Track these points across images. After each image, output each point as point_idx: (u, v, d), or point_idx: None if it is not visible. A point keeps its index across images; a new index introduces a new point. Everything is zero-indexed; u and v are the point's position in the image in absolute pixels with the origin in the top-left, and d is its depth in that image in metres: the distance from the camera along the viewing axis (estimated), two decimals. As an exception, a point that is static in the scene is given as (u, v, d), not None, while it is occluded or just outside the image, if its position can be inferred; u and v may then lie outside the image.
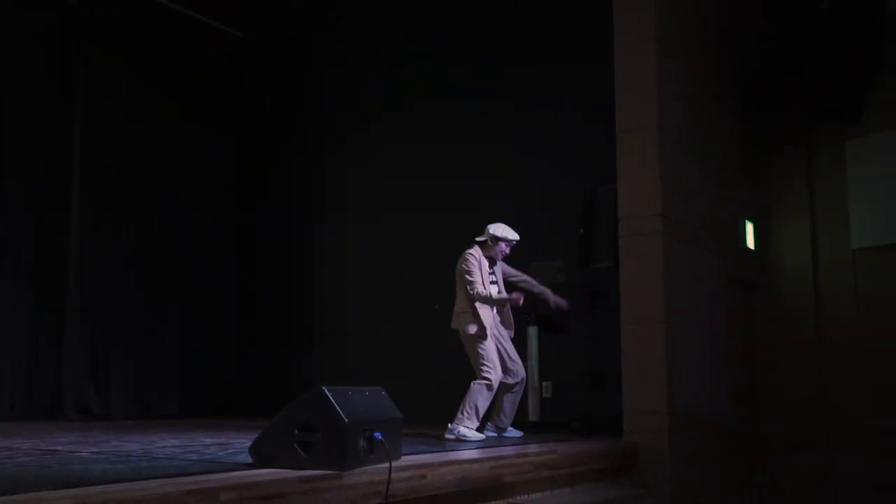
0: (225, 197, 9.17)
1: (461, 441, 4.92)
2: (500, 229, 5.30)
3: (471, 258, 5.27)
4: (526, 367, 6.31)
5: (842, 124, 6.80)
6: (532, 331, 6.35)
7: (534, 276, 7.07)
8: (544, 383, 6.36)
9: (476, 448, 4.53)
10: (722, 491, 5.93)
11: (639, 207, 5.43)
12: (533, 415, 6.23)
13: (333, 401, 3.05)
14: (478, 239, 5.40)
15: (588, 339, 5.89)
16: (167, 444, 4.48)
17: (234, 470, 3.09)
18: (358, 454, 3.08)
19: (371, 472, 3.10)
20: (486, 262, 5.32)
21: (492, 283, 5.34)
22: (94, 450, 4.06)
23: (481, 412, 5.14)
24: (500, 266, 5.49)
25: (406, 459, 3.48)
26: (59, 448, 4.17)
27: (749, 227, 7.02)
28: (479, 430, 5.17)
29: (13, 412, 7.38)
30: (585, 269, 6.03)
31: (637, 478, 5.14)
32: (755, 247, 7.14)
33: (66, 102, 7.97)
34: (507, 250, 5.36)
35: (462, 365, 7.18)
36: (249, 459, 3.22)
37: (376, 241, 8.32)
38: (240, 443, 4.45)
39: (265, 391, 8.64)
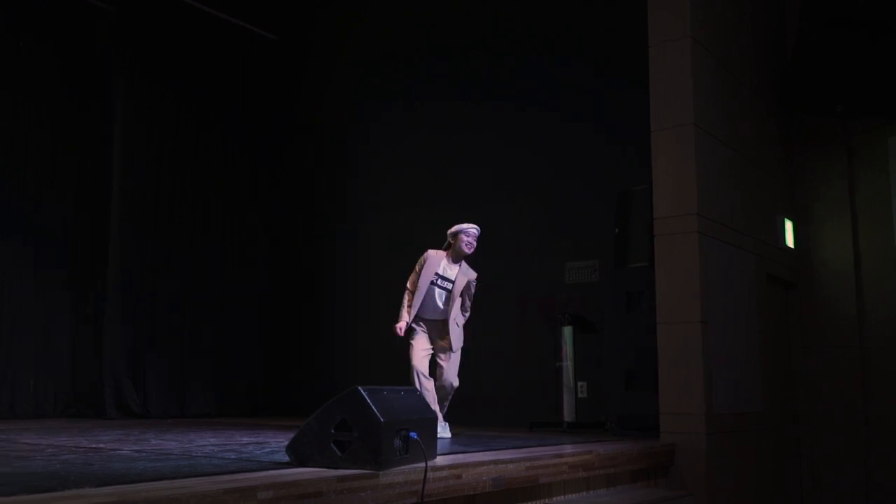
0: (257, 199, 9.26)
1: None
2: (456, 226, 5.30)
3: (422, 258, 5.33)
4: (561, 368, 6.30)
5: (883, 121, 6.67)
6: (567, 331, 6.32)
7: (568, 276, 7.10)
8: (579, 383, 6.33)
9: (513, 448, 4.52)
10: (761, 493, 5.84)
11: (674, 206, 5.37)
12: (568, 415, 6.20)
13: (369, 400, 3.06)
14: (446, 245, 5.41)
15: (623, 339, 5.84)
16: (205, 442, 4.54)
17: (271, 469, 3.11)
18: (393, 453, 3.09)
19: (407, 472, 3.11)
20: (444, 263, 5.27)
21: (439, 285, 5.22)
22: (135, 448, 4.13)
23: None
24: (466, 275, 5.29)
25: (441, 459, 3.49)
26: (102, 446, 4.25)
27: (788, 226, 6.91)
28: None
29: (56, 409, 7.57)
30: (621, 268, 5.99)
31: (674, 479, 5.09)
32: (794, 245, 7.02)
33: (104, 108, 8.12)
34: (471, 240, 5.26)
35: (494, 366, 7.21)
36: (286, 458, 3.24)
37: (405, 241, 8.32)
38: (276, 442, 4.49)
39: (300, 391, 8.72)
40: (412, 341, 5.25)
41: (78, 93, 8.03)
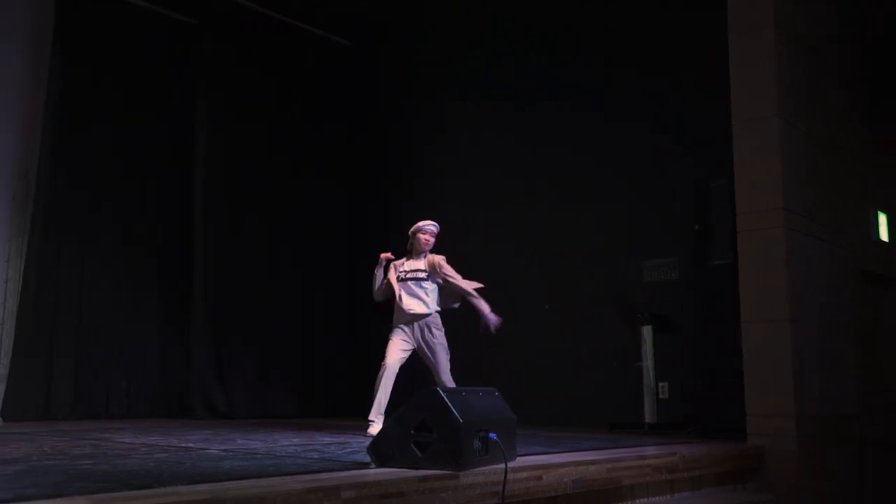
0: (335, 203, 9.41)
1: None
2: (414, 226, 5.63)
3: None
4: (641, 368, 6.19)
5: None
6: (646, 330, 6.20)
7: (647, 275, 6.95)
8: (660, 384, 6.19)
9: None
10: (853, 496, 5.59)
11: (758, 201, 5.20)
12: (649, 416, 6.08)
13: (448, 401, 3.07)
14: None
15: (705, 338, 5.69)
16: (289, 442, 4.65)
17: (353, 469, 3.16)
18: (473, 454, 3.09)
19: (487, 473, 3.11)
20: (407, 262, 5.63)
21: (412, 278, 5.57)
22: (223, 447, 4.25)
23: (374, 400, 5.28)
24: (433, 259, 5.61)
25: (521, 460, 3.47)
26: (191, 445, 4.39)
27: (882, 219, 6.60)
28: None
29: (147, 410, 7.89)
30: (702, 266, 5.83)
31: (763, 482, 4.92)
32: (889, 239, 6.70)
33: (186, 111, 8.41)
34: (428, 236, 5.60)
35: (573, 366, 7.13)
36: (367, 458, 3.28)
37: (486, 241, 8.33)
38: (357, 442, 4.55)
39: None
40: (391, 338, 5.46)
41: (161, 100, 8.36)
